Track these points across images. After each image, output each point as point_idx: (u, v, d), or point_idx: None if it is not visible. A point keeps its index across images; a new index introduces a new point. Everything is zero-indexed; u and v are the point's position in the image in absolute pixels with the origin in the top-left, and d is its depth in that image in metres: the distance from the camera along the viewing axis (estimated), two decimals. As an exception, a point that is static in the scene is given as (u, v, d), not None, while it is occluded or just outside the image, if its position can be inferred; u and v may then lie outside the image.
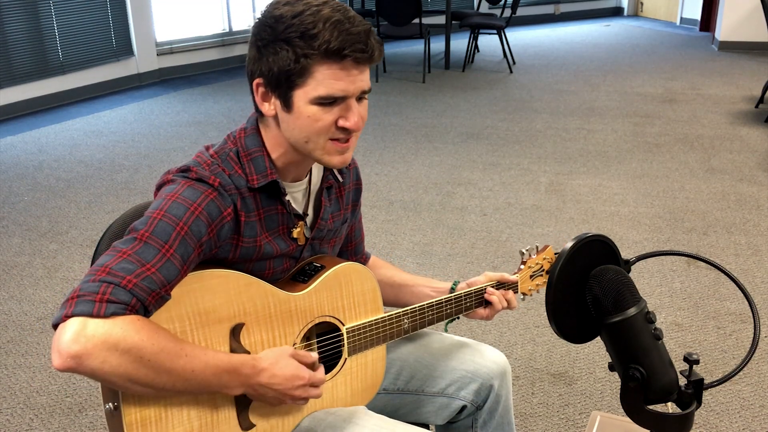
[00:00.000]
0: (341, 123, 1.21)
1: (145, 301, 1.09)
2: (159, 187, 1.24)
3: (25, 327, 2.86)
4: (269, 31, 1.18)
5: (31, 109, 6.06)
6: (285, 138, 1.25)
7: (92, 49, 6.49)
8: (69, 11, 6.23)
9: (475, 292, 1.50)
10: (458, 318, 1.52)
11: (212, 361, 1.13)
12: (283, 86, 1.19)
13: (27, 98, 6.02)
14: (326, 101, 1.19)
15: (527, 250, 1.59)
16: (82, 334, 1.02)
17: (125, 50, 6.82)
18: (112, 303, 1.05)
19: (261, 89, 1.22)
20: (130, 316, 1.06)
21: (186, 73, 7.43)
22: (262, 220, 1.27)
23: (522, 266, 1.58)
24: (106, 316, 1.04)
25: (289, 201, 1.30)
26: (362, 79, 1.21)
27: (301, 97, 1.19)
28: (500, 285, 1.54)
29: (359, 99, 1.23)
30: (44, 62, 6.11)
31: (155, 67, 7.13)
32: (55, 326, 1.05)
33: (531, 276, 1.59)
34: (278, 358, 1.21)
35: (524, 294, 1.60)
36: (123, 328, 1.04)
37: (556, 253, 1.60)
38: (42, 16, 6.02)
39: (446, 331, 1.59)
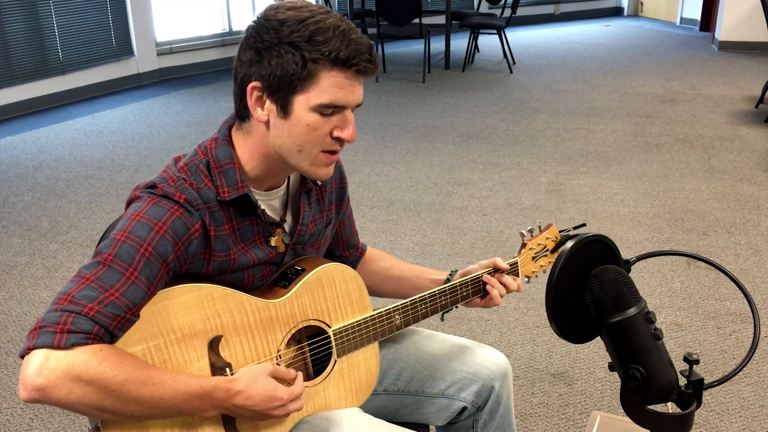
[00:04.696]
0: (337, 133, 1.20)
1: (109, 327, 1.07)
2: (128, 204, 1.22)
3: (25, 327, 2.86)
4: (273, 34, 1.16)
5: (31, 109, 6.06)
6: (270, 146, 1.22)
7: (92, 49, 6.49)
8: (69, 11, 6.23)
9: (471, 281, 1.48)
10: (456, 307, 1.50)
11: (182, 387, 1.11)
12: (283, 91, 1.17)
13: (27, 98, 6.03)
14: (327, 110, 1.18)
15: (528, 231, 1.55)
16: (44, 366, 1.01)
17: (125, 50, 6.82)
18: (72, 333, 1.04)
19: (256, 93, 1.19)
20: (93, 345, 1.05)
21: (186, 73, 7.43)
22: (235, 232, 1.25)
23: (522, 249, 1.55)
24: (66, 347, 1.03)
25: (264, 210, 1.28)
26: (360, 91, 1.21)
27: (302, 103, 1.17)
28: (496, 271, 1.50)
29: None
30: (44, 62, 6.11)
31: (155, 67, 7.13)
32: (22, 357, 1.04)
33: (533, 257, 1.55)
34: (255, 379, 1.18)
35: (528, 276, 1.56)
36: (84, 359, 1.03)
37: (561, 231, 1.57)
38: (42, 16, 6.03)
39: (443, 320, 1.58)
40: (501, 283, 1.49)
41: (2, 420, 2.33)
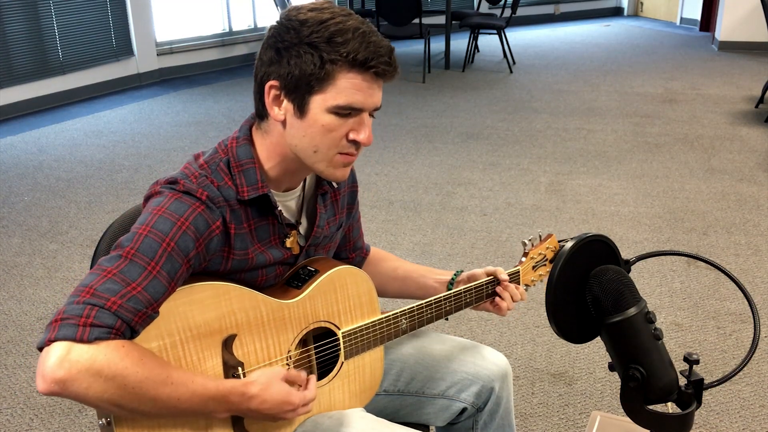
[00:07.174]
0: (353, 136, 1.20)
1: (131, 322, 1.07)
2: (147, 199, 1.21)
3: (25, 327, 2.86)
4: (293, 34, 1.15)
5: (31, 109, 6.06)
6: (287, 146, 1.23)
7: (92, 49, 6.49)
8: (69, 11, 6.23)
9: (474, 288, 1.48)
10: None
11: (199, 389, 1.11)
12: (301, 90, 1.17)
13: (27, 98, 6.02)
14: (343, 111, 1.17)
15: (529, 240, 1.56)
16: (66, 359, 1.00)
17: (125, 50, 6.82)
18: (96, 327, 1.03)
19: (274, 92, 1.19)
20: (115, 341, 1.04)
21: (186, 73, 7.43)
22: (252, 232, 1.26)
23: (524, 258, 1.55)
24: (89, 341, 1.02)
25: (281, 212, 1.29)
26: (378, 95, 1.20)
27: (319, 103, 1.17)
28: (498, 281, 1.50)
29: (370, 115, 1.22)
30: (44, 62, 6.10)
31: (155, 67, 7.13)
32: (40, 349, 1.03)
33: (534, 267, 1.56)
34: (269, 383, 1.18)
35: (527, 285, 1.57)
36: (107, 355, 1.02)
37: (560, 241, 1.58)
38: (42, 16, 6.02)
39: (446, 319, 1.56)
40: (508, 293, 1.49)
41: (2, 420, 2.33)
